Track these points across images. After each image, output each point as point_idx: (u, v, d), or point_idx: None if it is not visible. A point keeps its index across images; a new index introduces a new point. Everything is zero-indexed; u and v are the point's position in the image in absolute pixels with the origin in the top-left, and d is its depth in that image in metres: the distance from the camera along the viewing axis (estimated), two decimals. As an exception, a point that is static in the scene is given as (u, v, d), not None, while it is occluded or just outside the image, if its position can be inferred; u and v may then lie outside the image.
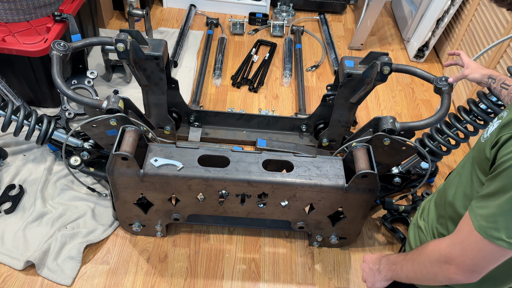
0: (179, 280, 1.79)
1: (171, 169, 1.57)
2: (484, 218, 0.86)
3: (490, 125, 1.00)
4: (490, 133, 0.96)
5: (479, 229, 0.86)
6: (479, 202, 0.89)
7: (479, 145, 1.01)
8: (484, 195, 0.89)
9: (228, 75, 2.86)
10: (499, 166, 0.86)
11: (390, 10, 3.68)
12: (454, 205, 1.09)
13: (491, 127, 0.98)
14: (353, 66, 1.94)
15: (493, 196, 0.86)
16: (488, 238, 0.85)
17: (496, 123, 0.97)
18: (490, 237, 0.84)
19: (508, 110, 0.96)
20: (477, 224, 0.86)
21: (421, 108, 2.77)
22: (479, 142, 1.02)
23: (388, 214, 2.03)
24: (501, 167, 0.85)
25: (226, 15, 3.43)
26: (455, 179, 1.13)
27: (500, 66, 2.30)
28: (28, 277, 1.73)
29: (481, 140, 1.00)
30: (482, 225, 0.85)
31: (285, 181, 1.59)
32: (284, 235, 1.98)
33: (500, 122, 0.93)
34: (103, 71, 2.65)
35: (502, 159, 0.85)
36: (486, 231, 0.85)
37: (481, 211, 0.87)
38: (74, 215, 1.92)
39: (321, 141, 2.28)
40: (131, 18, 2.79)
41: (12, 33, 2.16)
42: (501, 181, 0.84)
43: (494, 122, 0.98)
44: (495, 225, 0.84)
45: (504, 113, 0.98)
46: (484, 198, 0.88)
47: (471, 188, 1.02)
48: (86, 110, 1.81)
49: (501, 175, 0.84)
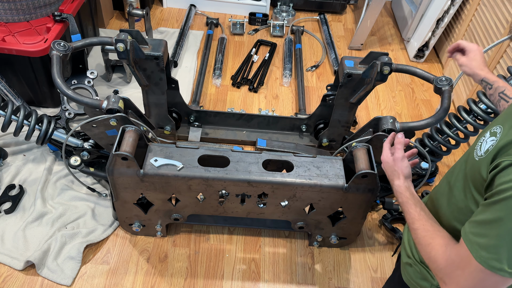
0: (179, 280, 1.79)
1: (171, 169, 1.57)
2: (484, 248, 0.84)
3: (482, 140, 0.97)
4: (485, 151, 0.93)
5: (479, 260, 0.85)
6: (475, 228, 0.87)
7: (472, 163, 0.98)
8: (480, 222, 0.87)
9: (228, 75, 2.86)
10: (497, 193, 0.83)
11: (390, 10, 3.68)
12: (447, 216, 1.08)
13: (484, 144, 0.95)
14: (353, 66, 1.94)
15: (490, 225, 0.84)
16: (490, 269, 0.83)
17: (489, 140, 0.94)
18: (492, 268, 0.83)
19: (502, 126, 0.93)
20: (477, 254, 0.85)
21: (421, 108, 2.77)
22: (472, 159, 0.98)
23: (388, 214, 2.03)
24: (500, 195, 0.83)
25: (226, 15, 3.43)
26: (445, 190, 1.11)
27: (500, 66, 2.30)
28: (28, 277, 1.73)
29: (475, 157, 0.97)
30: (483, 256, 0.84)
31: (285, 181, 1.59)
32: (284, 235, 1.98)
33: (496, 142, 0.90)
34: (103, 71, 2.65)
35: (501, 186, 0.83)
36: (487, 262, 0.83)
37: (479, 240, 0.85)
38: (74, 215, 1.93)
39: (321, 141, 2.28)
40: (131, 18, 2.79)
41: (12, 33, 2.16)
42: (500, 211, 0.82)
43: (487, 138, 0.95)
44: (497, 256, 0.82)
45: (497, 128, 0.94)
46: (480, 225, 0.86)
47: (464, 204, 1.01)
48: (86, 110, 1.81)
49: (500, 204, 0.82)
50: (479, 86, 2.48)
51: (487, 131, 0.98)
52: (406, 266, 1.23)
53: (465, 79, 2.67)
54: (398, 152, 1.21)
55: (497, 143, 0.90)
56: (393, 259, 1.93)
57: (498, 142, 0.90)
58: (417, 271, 1.18)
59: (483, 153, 0.94)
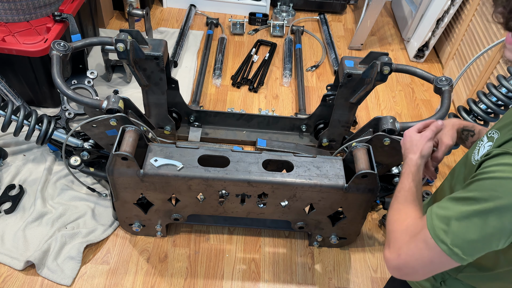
0: (179, 280, 1.79)
1: (171, 169, 1.57)
2: (439, 218, 0.84)
3: (480, 145, 0.97)
4: (481, 156, 0.93)
5: (429, 226, 0.84)
6: (443, 202, 0.87)
7: (470, 167, 0.98)
8: (451, 198, 0.87)
9: (228, 75, 2.86)
10: (479, 174, 0.84)
11: (390, 10, 3.68)
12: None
13: (482, 149, 0.95)
14: (353, 66, 1.94)
15: (458, 201, 0.84)
16: (434, 238, 0.83)
17: (487, 145, 0.94)
18: (436, 237, 0.82)
19: (499, 132, 0.93)
20: (430, 222, 0.85)
21: (421, 108, 2.77)
22: (470, 163, 0.99)
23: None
24: (480, 176, 0.83)
25: (226, 15, 3.43)
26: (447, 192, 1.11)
27: (500, 66, 2.30)
28: (28, 277, 1.73)
29: (472, 162, 0.97)
30: (434, 224, 0.84)
31: (285, 181, 1.59)
32: (284, 235, 1.98)
33: (492, 145, 0.91)
34: (103, 71, 2.65)
35: (485, 169, 0.83)
36: (435, 229, 0.83)
37: (440, 211, 0.85)
38: (74, 215, 1.92)
39: (321, 141, 2.28)
40: (131, 18, 2.79)
41: (12, 33, 2.16)
42: (473, 191, 0.82)
43: (485, 143, 0.95)
44: (446, 228, 0.82)
45: (494, 133, 0.95)
46: (449, 200, 0.86)
47: None
48: (86, 110, 1.81)
49: (476, 184, 0.82)
50: (479, 86, 2.48)
51: (485, 135, 0.98)
52: None
53: (465, 79, 2.67)
54: (429, 132, 1.17)
55: (493, 146, 0.91)
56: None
57: (494, 144, 0.91)
58: None
59: (479, 158, 0.94)
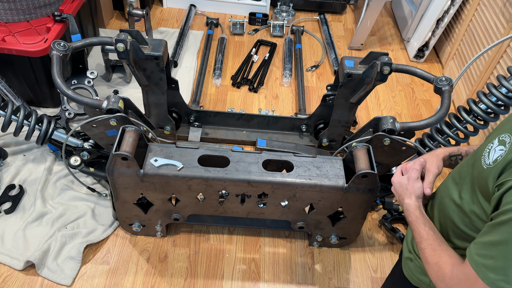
0: (179, 280, 1.79)
1: (171, 169, 1.57)
2: (492, 270, 0.85)
3: (490, 147, 0.97)
4: (494, 161, 0.93)
5: (487, 282, 0.86)
6: (481, 250, 0.88)
7: (480, 170, 0.98)
8: (486, 243, 0.88)
9: (228, 75, 2.86)
10: (504, 213, 0.84)
11: (390, 10, 3.68)
12: (453, 219, 1.09)
13: (493, 152, 0.95)
14: (353, 66, 1.94)
15: (497, 246, 0.85)
16: None
17: (498, 149, 0.94)
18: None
19: (510, 134, 0.93)
20: (484, 276, 0.86)
21: (421, 108, 2.77)
22: (480, 166, 0.98)
23: (388, 214, 2.03)
24: (506, 215, 0.84)
25: (226, 15, 3.43)
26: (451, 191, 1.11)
27: (500, 66, 2.30)
28: (28, 277, 1.73)
29: (483, 165, 0.97)
30: (491, 278, 0.85)
31: (285, 181, 1.59)
32: (284, 235, 1.98)
33: (505, 154, 0.90)
34: (103, 71, 2.65)
35: (507, 206, 0.84)
36: (496, 283, 0.85)
37: (486, 262, 0.86)
38: (74, 215, 1.92)
39: (321, 141, 2.28)
40: (131, 18, 2.78)
41: (12, 33, 2.16)
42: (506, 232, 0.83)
43: (495, 146, 0.95)
44: (506, 278, 0.84)
45: (506, 136, 0.94)
46: (486, 246, 0.87)
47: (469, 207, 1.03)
48: (86, 110, 1.82)
49: (506, 225, 0.83)
50: (479, 86, 2.48)
51: (496, 137, 0.97)
52: (407, 261, 1.24)
53: (465, 79, 2.67)
54: (414, 172, 1.21)
55: (506, 154, 0.91)
56: (393, 259, 1.93)
57: (507, 154, 0.90)
58: (417, 266, 1.19)
59: (491, 162, 0.94)
